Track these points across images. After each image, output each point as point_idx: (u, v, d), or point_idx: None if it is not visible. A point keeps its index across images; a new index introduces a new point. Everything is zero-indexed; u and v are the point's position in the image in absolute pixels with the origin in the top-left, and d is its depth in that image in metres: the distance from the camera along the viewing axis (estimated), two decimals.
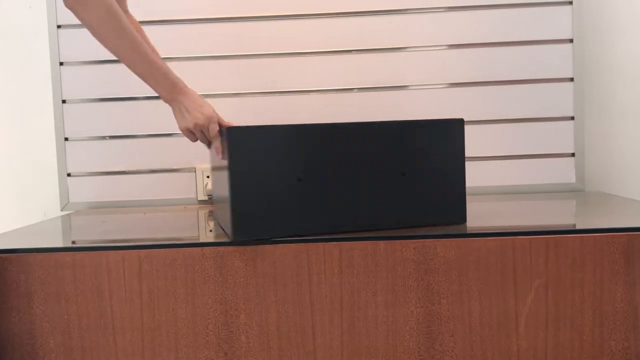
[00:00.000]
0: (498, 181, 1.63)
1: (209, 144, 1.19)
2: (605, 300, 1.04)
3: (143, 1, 1.60)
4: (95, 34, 1.10)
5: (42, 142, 1.69)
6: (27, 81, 1.68)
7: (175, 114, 1.16)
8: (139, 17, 1.37)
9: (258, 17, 1.62)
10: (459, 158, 1.14)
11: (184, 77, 1.17)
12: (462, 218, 1.15)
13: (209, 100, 1.21)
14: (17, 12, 1.67)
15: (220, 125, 1.16)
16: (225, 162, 1.08)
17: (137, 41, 1.10)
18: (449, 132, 1.13)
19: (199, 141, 1.19)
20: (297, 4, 1.62)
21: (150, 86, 1.14)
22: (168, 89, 1.14)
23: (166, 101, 1.16)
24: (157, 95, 1.15)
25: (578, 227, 1.12)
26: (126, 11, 1.34)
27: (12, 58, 1.68)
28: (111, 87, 1.63)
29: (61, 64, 1.63)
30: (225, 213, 1.13)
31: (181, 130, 1.17)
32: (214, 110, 1.17)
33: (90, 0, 1.06)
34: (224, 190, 1.11)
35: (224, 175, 1.09)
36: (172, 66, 1.19)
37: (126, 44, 1.09)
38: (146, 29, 1.35)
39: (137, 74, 1.12)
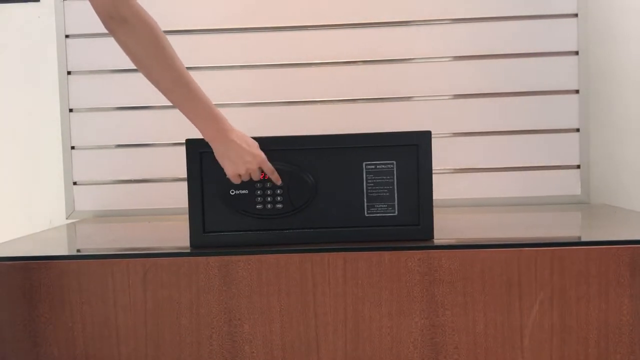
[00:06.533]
0: (503, 193, 1.63)
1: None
2: (611, 313, 1.04)
3: (159, 10, 1.61)
4: (136, 61, 0.99)
5: (49, 150, 1.69)
6: (35, 90, 1.69)
7: (221, 158, 1.07)
8: None
9: (262, 28, 1.63)
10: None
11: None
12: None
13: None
14: (26, 21, 1.68)
15: (264, 166, 1.08)
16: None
17: (182, 73, 1.01)
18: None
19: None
20: (301, 16, 1.62)
21: (192, 121, 1.05)
22: (213, 128, 1.05)
23: (208, 139, 1.06)
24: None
25: (583, 239, 1.12)
26: None
27: (20, 67, 1.70)
28: (118, 96, 1.64)
29: (69, 73, 1.64)
30: None
31: (230, 175, 1.08)
32: (258, 146, 1.09)
33: (135, 23, 0.96)
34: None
35: None
36: None
37: (170, 76, 1.00)
38: None
39: (179, 108, 1.04)
